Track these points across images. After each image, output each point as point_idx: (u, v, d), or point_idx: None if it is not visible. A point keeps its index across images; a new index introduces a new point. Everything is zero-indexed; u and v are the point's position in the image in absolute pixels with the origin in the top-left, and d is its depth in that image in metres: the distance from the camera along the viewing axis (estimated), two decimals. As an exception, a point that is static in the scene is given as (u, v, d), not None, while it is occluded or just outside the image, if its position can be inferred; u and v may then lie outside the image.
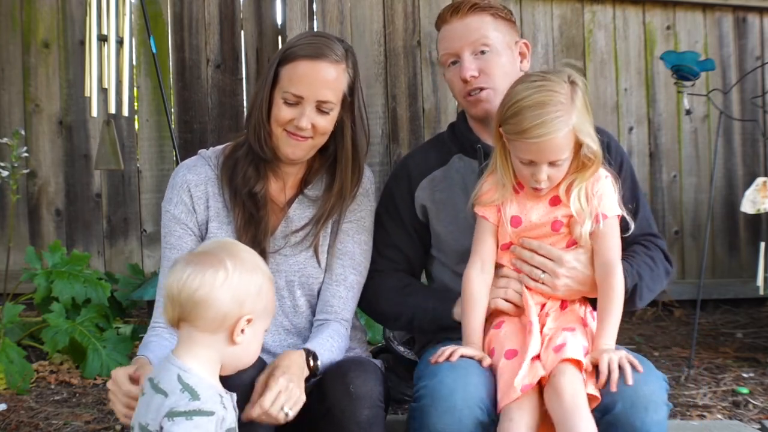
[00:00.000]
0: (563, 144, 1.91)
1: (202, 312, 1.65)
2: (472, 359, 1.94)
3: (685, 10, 4.69)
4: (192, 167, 2.21)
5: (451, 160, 2.29)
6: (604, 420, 1.83)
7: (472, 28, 2.20)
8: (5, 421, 2.94)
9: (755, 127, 4.62)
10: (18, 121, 4.28)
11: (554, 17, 4.58)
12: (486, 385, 1.90)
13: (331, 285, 2.19)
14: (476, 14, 2.21)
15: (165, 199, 2.21)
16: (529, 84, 1.95)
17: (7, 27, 4.30)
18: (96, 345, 3.44)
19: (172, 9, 4.37)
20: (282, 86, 2.10)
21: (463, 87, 2.21)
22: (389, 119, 4.44)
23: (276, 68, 2.13)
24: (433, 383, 1.89)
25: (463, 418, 1.84)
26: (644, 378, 1.84)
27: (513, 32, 2.27)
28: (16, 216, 4.17)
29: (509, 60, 2.23)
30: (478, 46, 2.19)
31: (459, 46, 2.20)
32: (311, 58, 2.09)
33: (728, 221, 4.71)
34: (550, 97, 1.90)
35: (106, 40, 3.46)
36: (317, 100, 2.08)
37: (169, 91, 4.32)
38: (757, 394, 3.22)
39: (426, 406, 1.87)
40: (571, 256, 2.01)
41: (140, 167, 4.38)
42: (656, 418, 1.81)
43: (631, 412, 1.80)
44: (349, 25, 4.41)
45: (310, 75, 2.08)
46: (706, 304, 4.42)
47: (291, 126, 2.10)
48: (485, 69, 2.19)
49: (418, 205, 2.28)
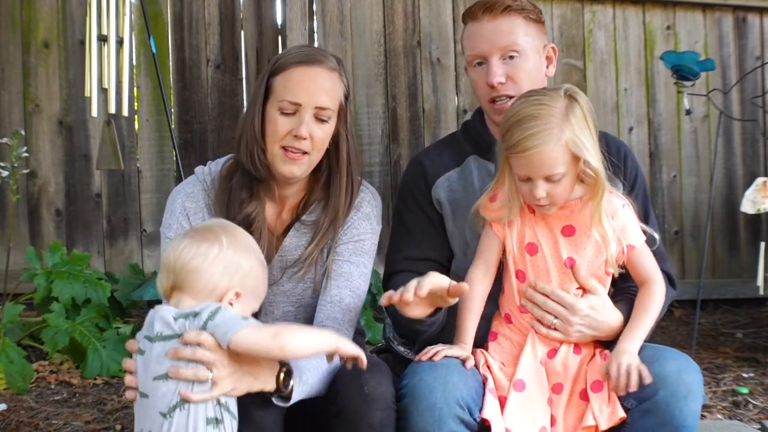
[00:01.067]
0: (555, 158, 1.87)
1: (193, 280, 1.74)
2: (453, 359, 1.94)
3: (685, 10, 4.69)
4: (190, 194, 2.14)
5: (467, 161, 2.24)
6: (641, 407, 1.83)
7: (503, 32, 2.13)
8: (5, 421, 2.94)
9: (755, 127, 4.62)
10: (18, 121, 4.27)
11: (554, 17, 4.58)
12: (467, 384, 1.91)
13: (326, 307, 2.08)
14: (509, 16, 2.14)
15: (164, 225, 2.15)
16: (525, 99, 1.94)
17: (7, 27, 4.30)
18: (96, 345, 3.44)
19: (172, 9, 4.37)
20: (277, 96, 2.03)
21: (488, 91, 2.15)
22: (389, 119, 4.44)
23: (267, 81, 2.06)
24: (413, 382, 1.90)
25: (443, 416, 1.84)
26: (686, 367, 1.85)
27: (542, 35, 2.22)
28: (16, 216, 4.17)
29: (536, 65, 2.18)
30: (508, 51, 2.13)
31: (488, 49, 2.13)
32: (306, 63, 2.04)
33: (728, 221, 4.71)
34: (542, 110, 1.88)
35: (106, 40, 3.46)
36: (316, 106, 2.02)
37: (169, 91, 4.32)
38: (757, 394, 3.22)
39: (407, 405, 1.88)
40: (584, 303, 1.96)
41: (140, 167, 4.38)
42: (694, 408, 1.82)
43: (672, 400, 1.80)
44: (349, 25, 4.41)
45: (306, 80, 2.02)
46: (706, 304, 4.42)
47: (289, 139, 2.02)
48: (513, 75, 2.13)
49: (434, 199, 2.23)
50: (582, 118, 1.90)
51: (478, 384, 1.96)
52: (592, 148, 1.91)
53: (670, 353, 1.90)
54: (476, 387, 1.95)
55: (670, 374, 1.82)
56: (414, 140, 4.43)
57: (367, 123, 4.42)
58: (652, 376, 1.82)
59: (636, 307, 1.98)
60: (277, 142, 2.03)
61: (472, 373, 1.96)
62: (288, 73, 2.04)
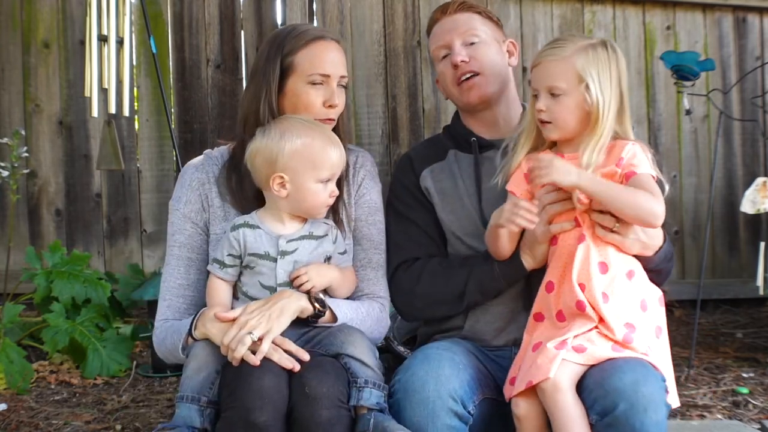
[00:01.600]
0: (561, 71, 1.99)
1: (254, 177, 2.07)
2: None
3: (685, 10, 4.69)
4: (199, 166, 2.23)
5: (448, 155, 2.33)
6: (603, 422, 1.82)
7: (461, 22, 2.29)
8: (5, 421, 2.94)
9: (755, 127, 4.62)
10: (18, 121, 4.28)
11: (554, 17, 4.58)
12: (459, 377, 1.93)
13: (357, 271, 2.19)
14: (465, 12, 2.30)
15: (174, 198, 2.21)
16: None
17: (7, 27, 4.30)
18: (96, 345, 3.45)
19: (172, 9, 4.37)
20: (305, 71, 2.13)
21: (454, 74, 2.26)
22: (389, 119, 4.44)
23: (281, 61, 2.14)
24: (406, 377, 1.93)
25: (436, 410, 1.87)
26: (643, 378, 1.84)
27: (500, 32, 2.36)
28: (16, 216, 4.17)
29: (498, 51, 2.30)
30: (468, 36, 2.26)
31: (449, 37, 2.27)
32: (323, 39, 2.17)
33: (728, 221, 4.71)
34: (568, 37, 2.07)
35: (106, 40, 3.46)
36: (340, 75, 2.16)
37: (169, 91, 4.32)
38: (757, 394, 3.22)
39: (400, 400, 1.91)
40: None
41: (140, 167, 4.38)
42: (655, 419, 1.81)
43: (631, 413, 1.80)
44: (349, 25, 4.41)
45: (329, 53, 2.16)
46: (706, 304, 4.42)
47: (322, 110, 2.13)
48: (475, 56, 2.25)
49: (423, 187, 2.31)
50: (605, 58, 2.02)
51: (470, 377, 1.98)
52: (601, 82, 2.00)
53: (629, 365, 1.86)
54: (468, 380, 1.97)
55: (627, 387, 1.81)
56: (414, 140, 4.43)
57: (367, 123, 4.43)
58: (610, 389, 1.82)
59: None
60: (313, 114, 2.13)
61: (464, 366, 1.98)
62: (310, 49, 2.14)
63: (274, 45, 2.17)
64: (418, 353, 2.04)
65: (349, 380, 1.91)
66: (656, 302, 2.04)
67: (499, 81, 2.28)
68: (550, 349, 1.89)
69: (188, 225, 2.18)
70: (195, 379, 1.91)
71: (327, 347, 1.96)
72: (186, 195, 2.19)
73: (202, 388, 1.90)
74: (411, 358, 2.00)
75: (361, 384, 1.90)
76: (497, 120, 2.32)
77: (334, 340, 1.96)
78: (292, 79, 2.14)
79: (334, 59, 2.16)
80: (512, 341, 2.16)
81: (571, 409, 1.85)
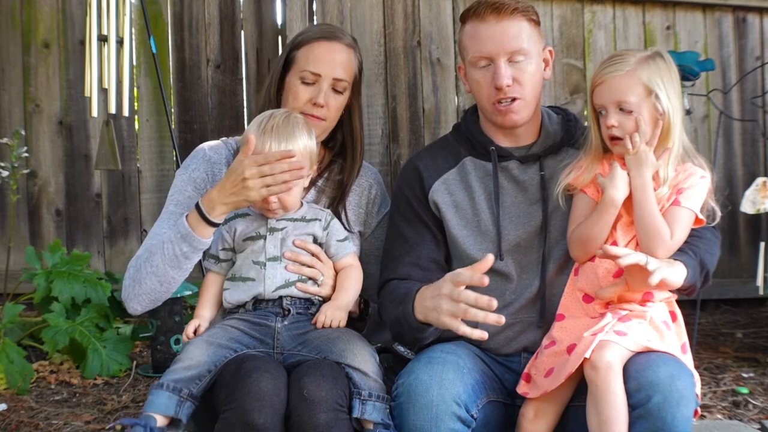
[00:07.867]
0: (628, 85, 1.99)
1: None
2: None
3: (685, 10, 4.69)
4: (215, 147, 2.30)
5: (463, 162, 2.22)
6: (635, 413, 1.83)
7: (511, 35, 2.10)
8: (5, 421, 2.94)
9: (755, 127, 4.62)
10: (18, 121, 4.28)
11: (554, 17, 4.58)
12: (463, 381, 1.92)
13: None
14: (516, 19, 2.10)
15: (182, 166, 2.28)
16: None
17: (7, 27, 4.30)
18: (96, 345, 3.45)
19: (172, 9, 4.37)
20: (299, 67, 2.22)
21: (493, 94, 2.12)
22: (389, 119, 4.44)
23: (288, 54, 2.25)
24: (409, 381, 1.91)
25: (440, 414, 1.86)
26: (678, 373, 1.85)
27: (541, 38, 2.21)
28: (16, 216, 4.17)
29: (538, 69, 2.16)
30: (515, 54, 2.10)
31: (495, 51, 2.10)
32: (327, 39, 2.23)
33: (728, 221, 4.71)
34: (624, 52, 2.07)
35: (106, 40, 3.46)
36: (333, 78, 2.21)
37: (169, 91, 4.32)
38: (757, 394, 3.22)
39: (404, 404, 1.89)
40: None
41: (140, 167, 4.38)
42: (686, 414, 1.82)
43: (664, 406, 1.80)
44: (349, 25, 4.41)
45: (326, 54, 2.21)
46: (706, 304, 4.42)
47: (308, 106, 2.20)
48: (519, 78, 2.10)
49: (431, 202, 2.20)
50: (665, 68, 2.04)
51: (474, 380, 1.97)
52: (668, 91, 2.01)
53: (663, 359, 1.88)
54: (473, 383, 1.96)
55: (663, 380, 1.82)
56: (414, 140, 4.43)
57: (367, 123, 4.42)
58: (645, 382, 1.83)
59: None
60: (297, 109, 2.19)
61: (468, 371, 1.96)
62: (310, 47, 2.23)
63: (292, 39, 2.30)
64: (421, 356, 2.01)
65: (352, 390, 1.89)
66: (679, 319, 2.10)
67: (536, 102, 2.17)
68: (587, 337, 1.90)
69: (190, 188, 2.22)
70: (181, 374, 1.90)
71: (326, 355, 1.94)
72: (195, 164, 2.26)
73: (187, 382, 1.89)
74: (414, 361, 1.98)
75: (365, 397, 1.89)
76: (519, 130, 2.20)
77: (334, 348, 1.94)
78: (290, 74, 2.25)
79: (331, 60, 2.21)
80: (522, 349, 2.13)
81: (620, 394, 1.85)
